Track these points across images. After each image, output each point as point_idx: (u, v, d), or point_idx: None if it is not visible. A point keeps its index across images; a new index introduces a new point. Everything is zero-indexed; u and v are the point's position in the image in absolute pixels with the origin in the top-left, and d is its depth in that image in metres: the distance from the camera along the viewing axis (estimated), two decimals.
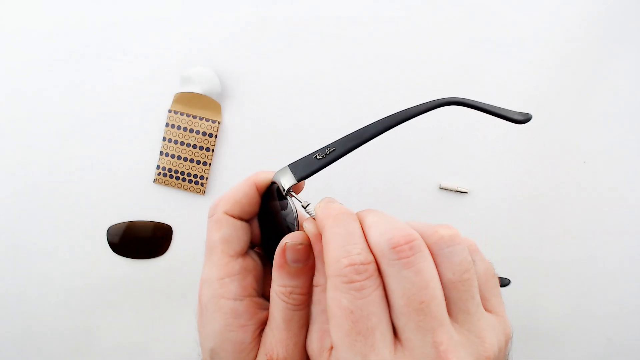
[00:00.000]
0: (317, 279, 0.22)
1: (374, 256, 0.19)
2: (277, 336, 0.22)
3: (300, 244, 0.22)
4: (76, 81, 0.60)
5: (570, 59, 0.62)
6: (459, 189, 0.63)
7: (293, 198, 0.24)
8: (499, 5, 0.61)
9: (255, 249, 0.27)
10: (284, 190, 0.24)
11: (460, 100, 0.28)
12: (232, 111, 0.62)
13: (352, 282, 0.18)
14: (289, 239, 0.22)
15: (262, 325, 0.24)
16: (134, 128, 0.61)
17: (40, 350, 0.63)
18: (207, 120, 0.61)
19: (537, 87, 0.63)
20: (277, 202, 0.25)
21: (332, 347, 0.20)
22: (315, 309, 0.22)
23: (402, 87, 0.62)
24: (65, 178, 0.61)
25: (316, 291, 0.22)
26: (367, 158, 0.63)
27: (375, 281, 0.19)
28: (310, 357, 0.22)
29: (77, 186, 0.61)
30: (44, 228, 0.61)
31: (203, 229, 0.30)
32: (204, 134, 0.61)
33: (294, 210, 0.24)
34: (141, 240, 0.62)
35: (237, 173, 0.63)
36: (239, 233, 0.24)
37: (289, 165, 0.25)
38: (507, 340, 0.22)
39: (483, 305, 0.21)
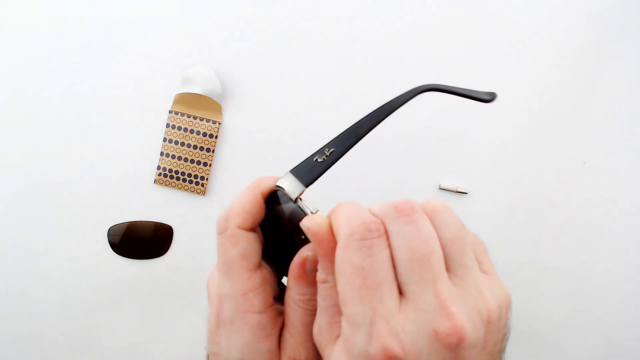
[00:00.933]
0: (326, 276, 0.22)
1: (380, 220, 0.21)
2: (298, 339, 0.24)
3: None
4: (76, 81, 0.60)
5: (570, 59, 0.62)
6: (458, 190, 0.63)
7: (303, 204, 0.24)
8: (499, 5, 0.61)
9: None
10: (292, 197, 0.24)
11: (434, 86, 0.30)
12: (233, 112, 0.62)
13: (364, 239, 0.20)
14: (308, 252, 0.23)
15: (281, 328, 0.25)
16: (135, 129, 0.61)
17: (41, 350, 0.63)
18: (208, 120, 0.61)
19: (537, 88, 0.63)
20: (282, 209, 0.24)
21: (338, 335, 0.22)
22: (324, 302, 0.22)
23: (402, 87, 0.62)
24: (66, 178, 0.61)
25: (322, 287, 0.22)
26: (367, 158, 0.63)
27: (383, 241, 0.20)
28: (318, 346, 0.23)
29: (78, 186, 0.61)
30: (45, 228, 0.62)
31: (203, 229, 0.30)
32: (204, 134, 0.61)
33: (301, 214, 0.24)
34: (142, 241, 0.62)
35: (237, 173, 0.63)
36: (254, 245, 0.24)
37: (290, 171, 0.25)
38: (508, 303, 0.22)
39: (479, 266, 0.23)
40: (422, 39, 0.62)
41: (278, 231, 0.25)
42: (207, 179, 0.62)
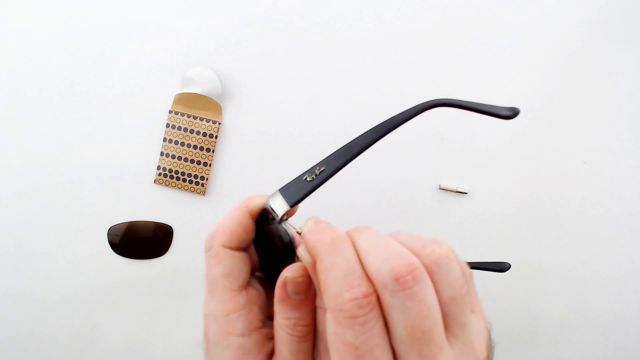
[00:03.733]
0: (323, 302, 0.21)
1: (374, 286, 0.19)
2: None
3: (301, 276, 0.21)
4: (76, 81, 0.60)
5: (570, 60, 0.62)
6: (458, 190, 0.63)
7: (288, 225, 0.23)
8: (499, 6, 0.61)
9: (256, 273, 0.26)
10: (277, 217, 0.23)
11: (446, 101, 0.27)
12: (233, 112, 0.62)
13: (356, 317, 0.18)
14: (288, 273, 0.22)
15: (271, 354, 0.23)
16: (135, 129, 0.61)
17: (41, 350, 0.63)
18: (208, 121, 0.61)
19: (537, 88, 0.63)
20: (272, 229, 0.24)
21: None
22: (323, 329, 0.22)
23: (402, 87, 0.62)
24: (66, 178, 0.61)
25: (321, 313, 0.21)
26: (367, 158, 0.63)
27: (377, 313, 0.19)
28: None
29: (78, 187, 0.61)
30: (45, 228, 0.62)
31: (203, 229, 0.30)
32: (204, 134, 0.61)
33: (290, 237, 0.23)
34: (142, 241, 0.62)
35: (237, 173, 0.63)
36: (239, 265, 0.23)
37: (279, 190, 0.24)
38: (489, 338, 0.22)
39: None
40: (422, 39, 0.62)
41: (269, 250, 0.24)
42: (207, 179, 0.62)
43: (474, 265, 0.45)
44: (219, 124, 0.61)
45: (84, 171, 0.61)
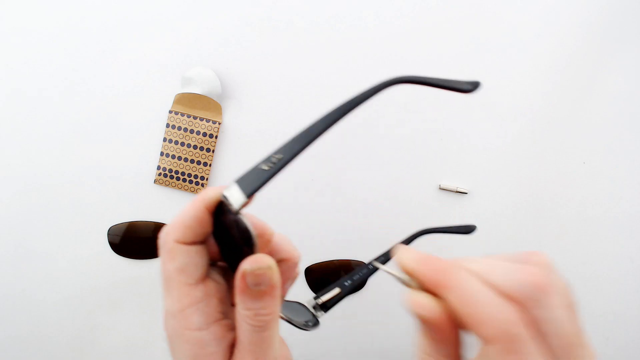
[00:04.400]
0: (436, 356, 0.20)
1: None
2: (245, 358, 0.22)
3: (260, 268, 0.21)
4: (76, 81, 0.60)
5: (570, 60, 0.62)
6: (458, 190, 0.63)
7: (244, 217, 0.23)
8: (499, 6, 0.61)
9: (219, 263, 0.26)
10: (234, 209, 0.22)
11: (407, 78, 0.26)
12: (233, 112, 0.62)
13: (521, 341, 0.17)
14: (247, 266, 0.21)
15: (231, 348, 0.23)
16: (135, 129, 0.61)
17: (41, 350, 0.63)
18: (208, 121, 0.61)
19: (537, 88, 0.63)
20: (229, 220, 0.23)
21: None
22: None
23: (402, 86, 0.62)
24: (66, 178, 0.61)
25: None
26: (367, 158, 0.63)
27: (532, 339, 0.18)
28: None
29: (78, 187, 0.61)
30: (45, 228, 0.62)
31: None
32: (204, 134, 0.61)
33: (247, 228, 0.22)
34: (142, 241, 0.62)
35: (237, 173, 0.62)
36: (194, 259, 0.23)
37: (236, 181, 0.24)
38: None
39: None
40: (422, 39, 0.62)
41: (228, 242, 0.24)
42: (207, 179, 0.62)
43: (440, 230, 0.43)
44: (219, 124, 0.61)
45: (84, 171, 0.61)
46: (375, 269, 0.36)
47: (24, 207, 0.61)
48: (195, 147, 0.61)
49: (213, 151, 0.62)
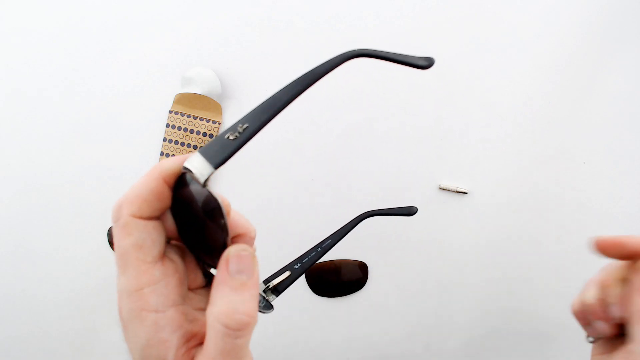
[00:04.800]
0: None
1: None
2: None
3: (244, 249, 0.20)
4: (76, 81, 0.60)
5: (570, 60, 0.62)
6: (458, 189, 0.63)
7: (212, 189, 0.21)
8: (499, 6, 0.61)
9: (172, 242, 0.24)
10: (201, 181, 0.20)
11: (365, 51, 0.26)
12: (233, 112, 0.62)
13: None
14: (236, 247, 0.20)
15: (188, 342, 0.21)
16: (135, 129, 0.61)
17: (41, 350, 0.63)
18: (208, 120, 0.61)
19: (537, 88, 0.63)
20: (194, 193, 0.21)
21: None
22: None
23: (402, 87, 0.62)
24: (66, 178, 0.61)
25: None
26: (367, 158, 0.63)
27: None
28: None
29: (78, 187, 0.61)
30: (45, 228, 0.62)
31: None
32: (204, 134, 0.61)
33: (218, 202, 0.21)
34: None
35: (237, 173, 0.63)
36: (152, 235, 0.21)
37: (199, 151, 0.21)
38: None
39: None
40: (422, 39, 0.62)
41: (191, 217, 0.22)
42: None
43: (382, 212, 0.45)
44: (219, 124, 0.61)
45: (84, 171, 0.61)
46: (324, 252, 0.36)
47: (24, 207, 0.61)
48: (195, 147, 0.61)
49: None
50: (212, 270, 0.24)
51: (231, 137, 0.22)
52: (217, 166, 0.21)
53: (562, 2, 0.61)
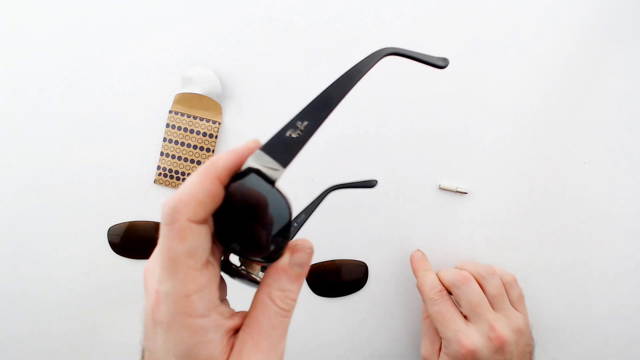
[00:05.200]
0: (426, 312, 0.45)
1: (445, 286, 0.49)
2: (260, 343, 0.22)
3: (310, 247, 0.23)
4: (76, 81, 0.60)
5: (570, 60, 0.62)
6: (458, 190, 0.63)
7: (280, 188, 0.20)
8: (499, 6, 0.61)
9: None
10: (272, 180, 0.20)
11: (397, 50, 0.28)
12: (233, 112, 0.62)
13: (437, 299, 0.48)
14: (302, 243, 0.23)
15: (228, 333, 0.23)
16: (135, 129, 0.61)
17: (41, 350, 0.63)
18: (208, 121, 0.61)
19: (537, 88, 0.63)
20: (252, 194, 0.21)
21: (440, 348, 0.47)
22: (429, 331, 0.50)
23: (402, 87, 0.62)
24: (66, 178, 0.61)
25: (426, 322, 0.49)
26: (366, 158, 0.63)
27: (446, 296, 0.49)
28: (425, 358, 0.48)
29: (78, 186, 0.61)
30: (45, 228, 0.62)
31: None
32: (204, 134, 0.61)
33: (289, 202, 0.21)
34: (142, 240, 0.62)
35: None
36: (203, 241, 0.21)
37: (262, 149, 0.21)
38: (527, 324, 0.49)
39: (513, 306, 0.50)
40: (422, 39, 0.62)
41: (241, 219, 0.21)
42: None
43: (343, 186, 0.51)
44: (219, 124, 0.61)
45: (84, 171, 0.61)
46: (300, 227, 0.42)
47: (24, 207, 0.61)
48: (195, 147, 0.61)
49: (213, 151, 0.62)
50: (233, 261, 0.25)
51: (293, 135, 0.22)
52: (286, 164, 0.21)
53: (562, 2, 0.61)
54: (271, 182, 0.21)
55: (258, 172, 0.21)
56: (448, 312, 0.44)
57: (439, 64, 0.29)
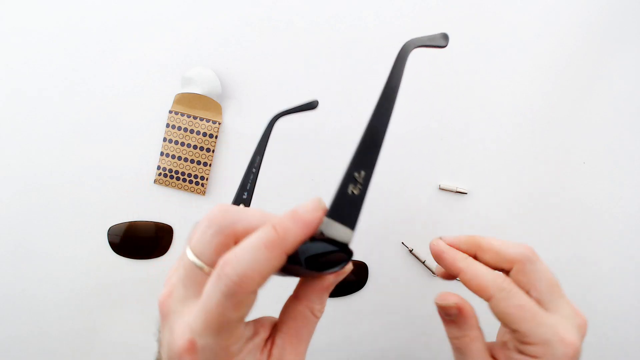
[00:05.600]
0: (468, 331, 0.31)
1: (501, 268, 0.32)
2: (299, 349, 0.24)
3: (350, 269, 0.25)
4: (76, 81, 0.60)
5: (570, 59, 0.62)
6: (458, 190, 0.63)
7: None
8: (499, 6, 0.61)
9: None
10: (351, 253, 0.21)
11: (419, 42, 0.27)
12: (233, 112, 0.62)
13: (508, 290, 0.30)
14: (348, 266, 0.24)
15: (259, 347, 0.23)
16: (135, 129, 0.61)
17: (41, 350, 0.63)
18: (208, 120, 0.61)
19: (537, 88, 0.63)
20: (328, 257, 0.21)
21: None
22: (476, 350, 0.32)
23: (402, 87, 0.62)
24: (66, 178, 0.61)
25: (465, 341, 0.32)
26: None
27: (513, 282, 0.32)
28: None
29: (78, 186, 0.61)
30: (45, 228, 0.62)
31: None
32: (204, 134, 0.61)
33: (350, 264, 0.22)
34: (142, 240, 0.62)
35: (237, 173, 0.63)
36: (252, 304, 0.21)
37: (330, 217, 0.21)
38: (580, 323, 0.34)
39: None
40: None
41: (302, 269, 0.22)
42: (207, 179, 0.62)
43: (286, 112, 0.46)
44: (219, 124, 0.61)
45: (84, 171, 0.61)
46: (259, 169, 0.42)
47: (24, 207, 0.61)
48: (195, 147, 0.61)
49: (213, 151, 0.62)
50: None
51: (355, 192, 0.22)
52: (354, 227, 0.21)
53: (562, 2, 0.61)
54: (349, 255, 0.21)
55: (349, 257, 0.21)
56: (528, 302, 0.30)
57: (442, 44, 0.28)
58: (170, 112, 0.61)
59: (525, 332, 0.29)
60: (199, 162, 0.62)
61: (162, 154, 0.61)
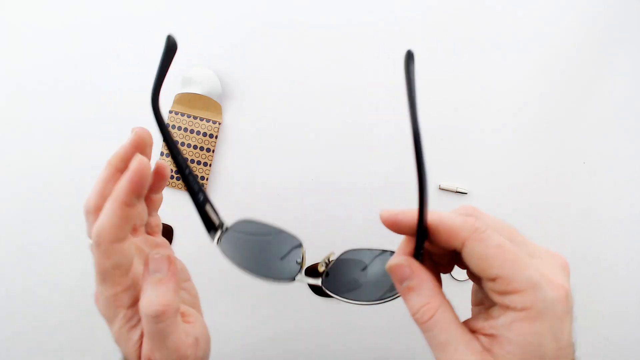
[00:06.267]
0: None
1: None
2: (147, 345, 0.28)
3: (157, 253, 0.28)
4: (77, 81, 0.60)
5: (570, 60, 0.62)
6: (458, 190, 0.63)
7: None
8: (499, 6, 0.61)
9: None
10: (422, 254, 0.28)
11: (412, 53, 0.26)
12: (233, 112, 0.62)
13: (482, 230, 0.28)
14: (151, 253, 0.28)
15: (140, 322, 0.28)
16: None
17: (41, 349, 0.63)
18: (208, 120, 0.61)
19: (537, 88, 0.63)
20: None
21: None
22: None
23: (402, 87, 0.62)
24: (66, 178, 0.61)
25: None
26: (367, 158, 0.63)
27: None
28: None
29: (78, 186, 0.61)
30: (46, 228, 0.62)
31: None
32: (204, 134, 0.61)
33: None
34: None
35: (237, 173, 0.63)
36: (126, 254, 0.26)
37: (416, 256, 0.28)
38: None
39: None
40: (422, 39, 0.62)
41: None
42: (207, 179, 0.62)
43: (159, 81, 0.40)
44: (219, 124, 0.61)
45: (85, 171, 0.61)
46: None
47: (24, 207, 0.61)
48: (195, 147, 0.61)
49: (213, 151, 0.62)
50: None
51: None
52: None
53: (562, 2, 0.61)
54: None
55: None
56: (506, 242, 0.26)
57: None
58: (170, 112, 0.61)
59: (509, 276, 0.25)
60: (199, 162, 0.62)
61: (162, 154, 0.61)
